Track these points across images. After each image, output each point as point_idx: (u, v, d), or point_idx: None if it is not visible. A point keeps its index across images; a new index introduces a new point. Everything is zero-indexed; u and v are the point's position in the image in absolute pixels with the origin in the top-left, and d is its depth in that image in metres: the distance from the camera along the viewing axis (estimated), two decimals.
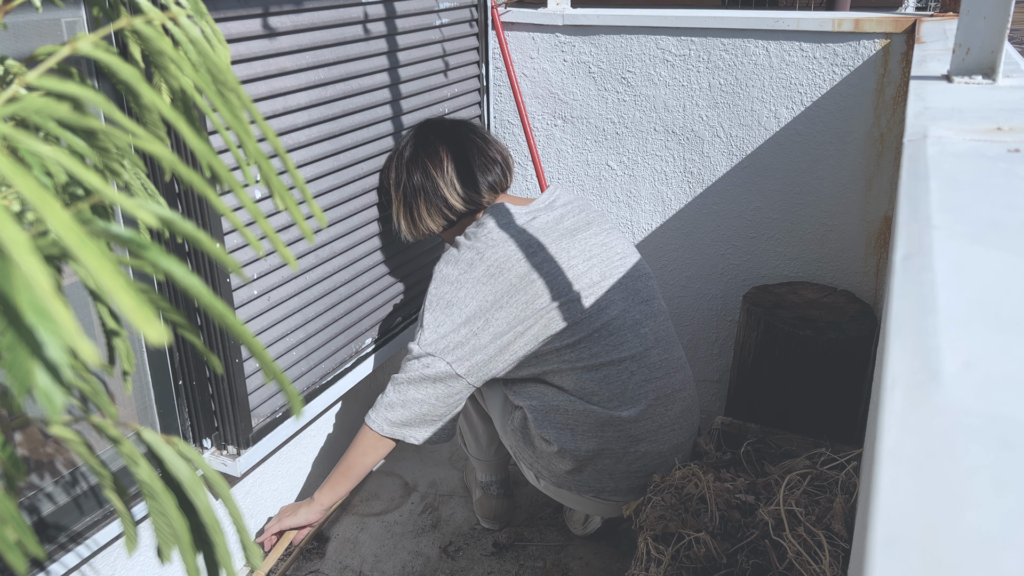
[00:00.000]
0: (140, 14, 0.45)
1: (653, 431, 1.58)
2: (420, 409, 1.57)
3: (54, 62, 0.38)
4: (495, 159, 1.70)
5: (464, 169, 1.66)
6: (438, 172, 1.67)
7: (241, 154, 0.48)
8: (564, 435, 1.57)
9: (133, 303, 0.26)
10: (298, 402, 0.42)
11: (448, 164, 1.67)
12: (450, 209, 1.68)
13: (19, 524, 0.40)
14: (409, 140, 1.74)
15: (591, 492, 1.62)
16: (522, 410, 1.65)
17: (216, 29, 0.55)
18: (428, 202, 1.69)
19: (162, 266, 0.36)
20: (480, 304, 1.54)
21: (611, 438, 1.56)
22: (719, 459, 1.55)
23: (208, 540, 0.48)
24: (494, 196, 1.69)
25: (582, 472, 1.60)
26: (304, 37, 1.56)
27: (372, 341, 1.93)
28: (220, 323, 0.36)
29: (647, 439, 1.58)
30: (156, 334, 0.27)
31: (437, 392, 1.56)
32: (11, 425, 0.50)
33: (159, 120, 0.44)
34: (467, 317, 1.54)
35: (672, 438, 1.60)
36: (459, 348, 1.54)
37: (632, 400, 1.56)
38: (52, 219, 0.25)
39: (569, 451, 1.57)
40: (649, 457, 1.59)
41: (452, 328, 1.54)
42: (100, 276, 0.26)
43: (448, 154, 1.68)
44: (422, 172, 1.68)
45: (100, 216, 0.49)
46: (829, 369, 1.87)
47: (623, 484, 1.60)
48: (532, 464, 1.67)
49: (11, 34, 1.13)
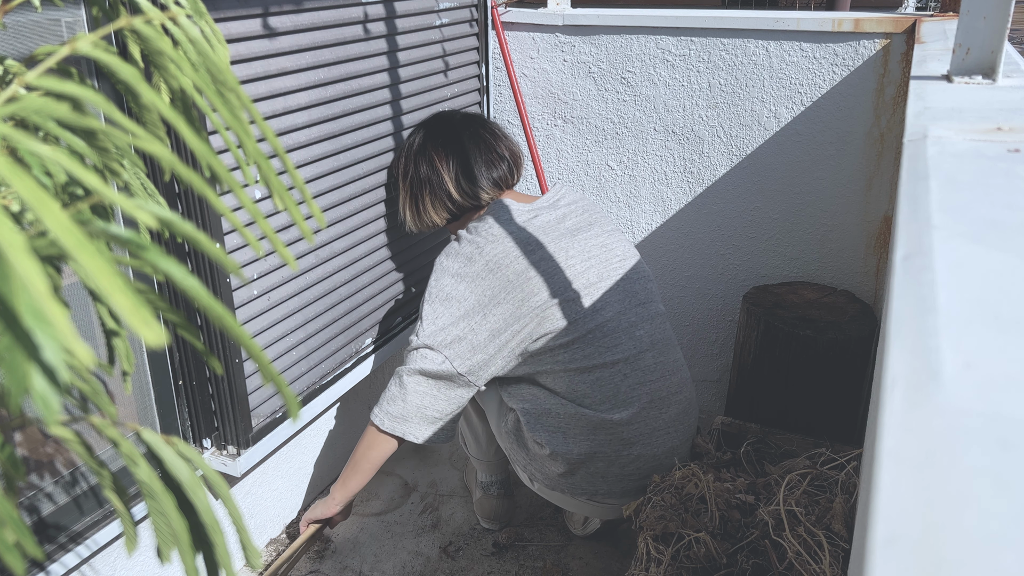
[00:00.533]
0: (139, 14, 0.45)
1: (646, 434, 1.58)
2: (419, 401, 1.57)
3: (53, 62, 0.37)
4: (502, 155, 1.70)
5: (469, 164, 1.67)
6: (443, 165, 1.67)
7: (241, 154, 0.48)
8: (556, 438, 1.57)
9: (130, 305, 0.26)
10: (295, 406, 0.42)
11: (453, 158, 1.67)
12: (453, 203, 1.68)
13: (18, 525, 0.40)
14: (419, 131, 1.75)
15: (584, 495, 1.62)
16: (515, 412, 1.65)
17: (215, 29, 0.55)
18: (432, 194, 1.69)
19: (162, 267, 0.35)
20: (478, 299, 1.54)
21: (603, 441, 1.56)
22: (719, 459, 1.55)
23: (208, 540, 0.48)
24: (498, 192, 1.69)
25: (574, 475, 1.59)
26: (304, 37, 1.56)
27: (372, 341, 1.93)
28: (219, 325, 0.36)
29: (640, 442, 1.57)
30: (153, 336, 0.27)
31: (438, 387, 1.56)
32: (10, 425, 0.50)
33: (159, 120, 0.44)
34: (465, 311, 1.54)
35: (666, 441, 1.60)
36: (457, 344, 1.54)
37: (624, 403, 1.56)
38: (50, 220, 0.25)
39: (561, 454, 1.57)
40: (643, 460, 1.58)
41: (451, 321, 1.54)
42: (97, 277, 0.26)
43: (455, 148, 1.68)
44: (428, 164, 1.69)
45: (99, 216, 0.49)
46: (829, 369, 1.87)
47: (616, 487, 1.60)
48: (526, 466, 1.67)
49: (11, 34, 1.13)
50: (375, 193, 1.85)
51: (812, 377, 1.89)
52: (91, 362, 0.26)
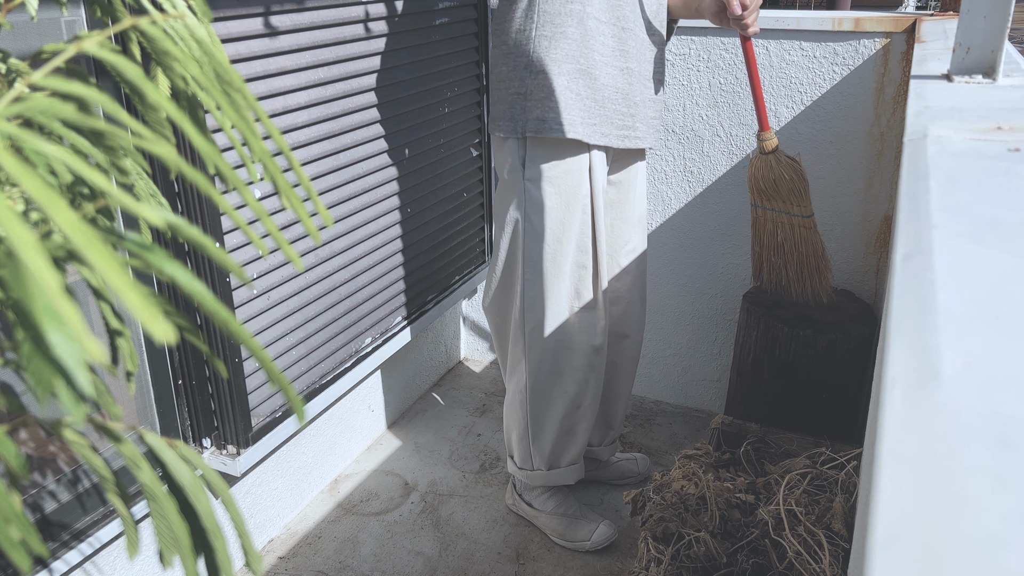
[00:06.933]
0: (143, 14, 0.45)
1: None
2: None
3: (61, 61, 0.38)
4: None
5: None
6: None
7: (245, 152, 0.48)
8: None
9: (140, 302, 0.26)
10: (301, 409, 0.42)
11: None
12: None
13: (22, 522, 0.40)
14: None
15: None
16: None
17: (210, 29, 0.55)
18: None
19: (167, 271, 0.36)
20: None
21: None
22: (719, 459, 1.55)
23: (209, 545, 0.48)
24: None
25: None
26: (304, 36, 1.56)
27: (372, 341, 1.93)
28: (224, 329, 0.36)
29: None
30: (163, 332, 0.27)
31: None
32: (14, 424, 0.50)
33: (164, 120, 0.44)
34: None
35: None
36: None
37: None
38: (59, 218, 0.26)
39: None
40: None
41: None
42: (108, 275, 0.26)
43: None
44: None
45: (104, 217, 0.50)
46: (829, 369, 1.87)
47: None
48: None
49: (10, 33, 1.13)
50: (375, 192, 1.85)
51: (812, 377, 1.89)
52: (102, 359, 0.26)
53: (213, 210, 1.42)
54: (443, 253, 2.20)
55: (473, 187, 2.28)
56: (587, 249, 1.68)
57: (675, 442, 2.26)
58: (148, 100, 0.38)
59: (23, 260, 0.24)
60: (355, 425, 2.14)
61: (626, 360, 1.92)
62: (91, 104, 0.41)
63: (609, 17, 1.56)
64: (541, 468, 1.84)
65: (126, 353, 0.53)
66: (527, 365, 1.74)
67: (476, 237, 2.36)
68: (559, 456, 1.83)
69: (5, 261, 0.27)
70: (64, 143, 0.45)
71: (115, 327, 0.52)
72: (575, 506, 1.88)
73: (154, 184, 0.82)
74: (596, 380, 1.77)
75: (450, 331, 2.57)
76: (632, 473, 2.06)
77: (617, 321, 1.87)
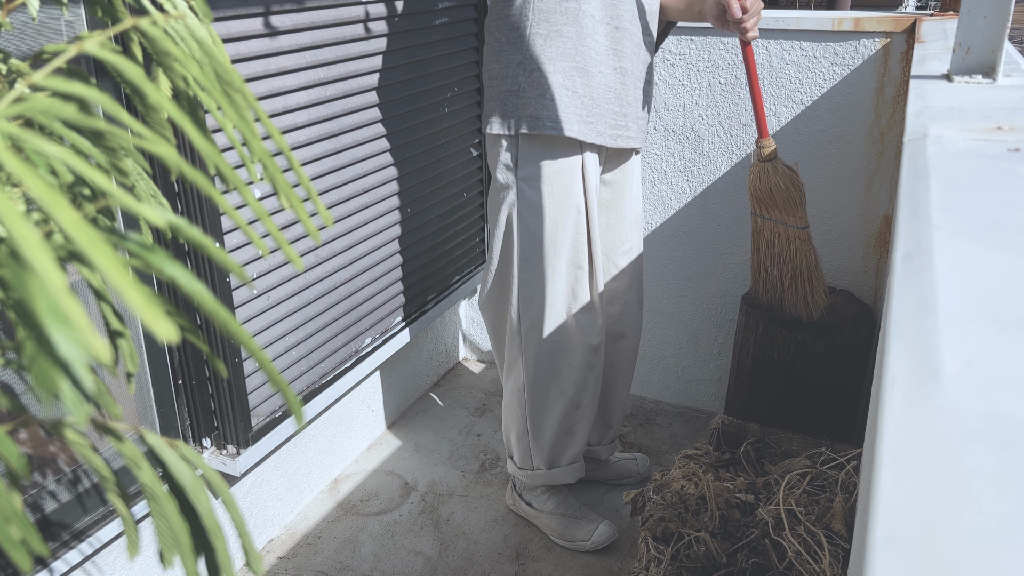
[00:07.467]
0: (143, 14, 0.46)
1: None
2: None
3: (62, 62, 0.38)
4: None
5: None
6: None
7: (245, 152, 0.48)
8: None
9: (143, 301, 0.26)
10: (299, 411, 0.42)
11: None
12: None
13: (23, 522, 0.41)
14: None
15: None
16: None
17: (211, 29, 0.55)
18: None
19: (168, 272, 0.36)
20: None
21: None
22: (719, 459, 1.56)
23: (209, 545, 0.48)
24: None
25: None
26: (304, 36, 1.56)
27: (371, 341, 1.93)
28: (224, 331, 0.36)
29: None
30: (166, 331, 0.27)
31: None
32: (14, 424, 0.50)
33: (165, 120, 0.44)
34: None
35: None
36: None
37: None
38: (62, 218, 0.26)
39: None
40: None
41: None
42: (110, 274, 0.26)
43: None
44: None
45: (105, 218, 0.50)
46: (829, 368, 1.87)
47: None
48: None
49: (11, 33, 1.13)
50: (374, 192, 1.85)
51: (812, 377, 1.89)
52: (108, 358, 0.26)
53: (213, 210, 1.42)
54: (443, 253, 2.20)
55: (473, 187, 2.28)
56: (582, 249, 1.67)
57: (675, 442, 2.26)
58: (149, 100, 0.38)
59: (28, 259, 0.24)
60: (355, 425, 2.14)
61: (624, 360, 1.92)
62: (92, 104, 0.41)
63: (604, 16, 1.56)
64: (541, 468, 1.84)
65: (126, 353, 0.53)
66: (524, 365, 1.74)
67: (476, 237, 2.37)
68: (559, 455, 1.83)
69: (7, 261, 0.27)
70: (65, 143, 0.45)
71: (115, 328, 0.52)
72: (575, 506, 1.88)
73: (154, 184, 0.82)
74: (595, 380, 1.77)
75: (450, 331, 2.57)
76: (632, 473, 2.06)
77: (614, 321, 1.87)
